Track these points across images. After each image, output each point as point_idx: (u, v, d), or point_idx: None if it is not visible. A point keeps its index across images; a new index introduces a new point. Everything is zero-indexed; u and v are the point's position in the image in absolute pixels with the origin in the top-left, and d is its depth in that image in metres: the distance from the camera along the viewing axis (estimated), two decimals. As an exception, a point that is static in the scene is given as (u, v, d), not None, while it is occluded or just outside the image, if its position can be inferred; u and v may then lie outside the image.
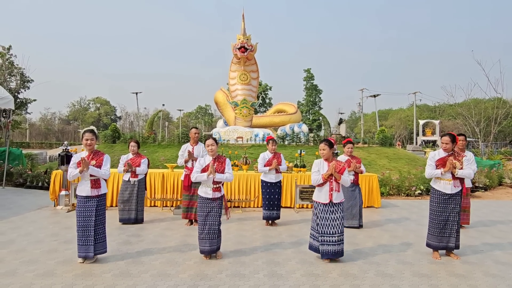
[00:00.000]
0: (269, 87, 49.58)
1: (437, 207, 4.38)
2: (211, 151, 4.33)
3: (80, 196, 4.09)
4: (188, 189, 5.81)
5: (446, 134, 4.45)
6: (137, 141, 6.18)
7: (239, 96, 17.49)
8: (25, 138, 60.22)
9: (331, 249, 4.13)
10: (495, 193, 10.51)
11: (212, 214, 4.23)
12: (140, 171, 5.96)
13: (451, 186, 4.31)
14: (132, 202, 5.92)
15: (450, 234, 4.34)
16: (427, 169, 4.47)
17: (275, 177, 6.02)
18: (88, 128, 4.35)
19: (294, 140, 15.93)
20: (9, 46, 19.95)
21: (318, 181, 4.18)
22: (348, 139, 5.98)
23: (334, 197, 4.15)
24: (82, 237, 4.02)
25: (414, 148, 25.96)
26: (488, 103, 26.23)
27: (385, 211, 7.43)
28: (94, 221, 4.05)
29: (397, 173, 10.89)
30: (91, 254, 4.01)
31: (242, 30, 16.63)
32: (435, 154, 4.49)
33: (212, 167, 4.17)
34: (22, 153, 11.88)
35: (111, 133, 15.89)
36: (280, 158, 6.06)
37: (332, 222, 4.15)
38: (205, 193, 4.27)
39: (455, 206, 4.32)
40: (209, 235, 4.20)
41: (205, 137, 16.81)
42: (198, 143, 6.03)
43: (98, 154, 4.20)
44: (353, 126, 67.53)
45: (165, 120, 59.79)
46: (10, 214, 6.54)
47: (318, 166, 4.26)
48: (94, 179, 4.11)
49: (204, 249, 4.22)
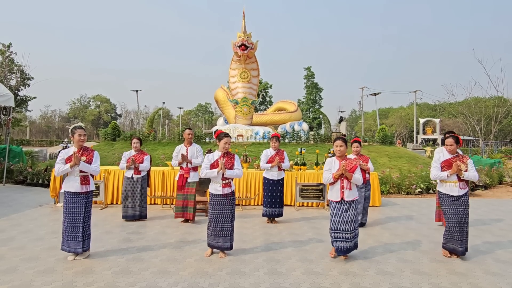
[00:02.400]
0: (269, 85, 49.51)
1: (449, 209, 4.33)
2: (226, 149, 4.34)
3: (68, 192, 4.06)
4: (182, 189, 5.84)
5: (450, 136, 4.41)
6: (139, 138, 6.20)
7: (239, 94, 17.46)
8: (26, 136, 60.26)
9: (344, 246, 4.16)
10: (495, 192, 10.51)
11: (225, 211, 4.23)
12: (143, 167, 5.98)
13: (457, 188, 4.29)
14: (136, 198, 5.95)
15: (464, 237, 4.28)
16: (433, 171, 4.46)
17: (277, 174, 5.99)
18: (77, 124, 4.34)
19: (294, 138, 15.91)
20: (9, 44, 19.92)
21: (328, 180, 4.17)
22: (356, 138, 5.93)
23: (346, 195, 4.14)
24: (71, 233, 4.03)
25: (415, 146, 25.97)
26: (488, 102, 26.17)
27: (386, 210, 7.43)
28: (83, 217, 4.05)
29: (397, 172, 10.88)
30: (80, 250, 4.03)
31: (242, 28, 16.59)
32: (440, 156, 4.45)
33: (221, 163, 4.17)
34: (22, 151, 11.88)
35: (111, 131, 15.88)
36: (283, 156, 6.03)
37: (345, 219, 4.16)
38: (215, 189, 4.27)
39: (466, 207, 4.29)
40: (222, 232, 4.22)
41: (205, 135, 16.86)
42: (192, 144, 6.00)
43: (87, 150, 4.20)
44: (354, 124, 67.48)
45: (166, 118, 59.80)
46: (10, 212, 6.55)
47: (330, 165, 4.24)
48: (83, 176, 4.09)
49: (217, 245, 4.23)
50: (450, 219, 4.33)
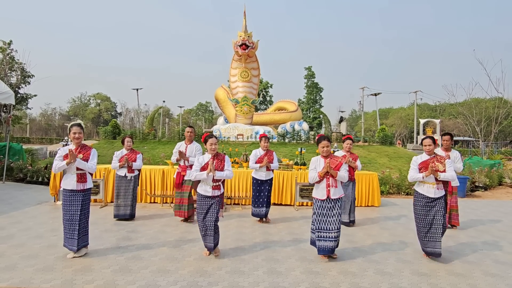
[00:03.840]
0: (270, 84, 49.51)
1: (421, 210, 4.32)
2: (213, 150, 4.31)
3: (66, 190, 4.07)
4: (179, 187, 5.87)
5: (427, 137, 4.42)
6: (131, 137, 6.26)
7: (239, 94, 17.47)
8: (26, 133, 60.27)
9: (328, 245, 4.14)
10: (495, 193, 10.51)
11: (211, 210, 4.23)
12: (136, 166, 5.99)
13: (434, 190, 4.26)
14: (128, 197, 5.94)
15: (435, 239, 4.24)
16: (410, 172, 4.42)
17: (265, 174, 5.96)
18: (75, 122, 4.33)
19: (294, 138, 15.91)
20: (9, 41, 19.92)
21: (314, 179, 4.16)
22: (348, 135, 5.97)
23: (332, 193, 4.14)
24: (69, 231, 4.04)
25: (415, 147, 25.96)
26: (489, 103, 26.17)
27: (385, 210, 7.43)
28: (79, 215, 4.05)
29: (397, 172, 10.89)
30: (75, 248, 4.02)
31: (243, 27, 16.59)
32: (417, 158, 4.44)
33: (211, 164, 4.16)
34: (22, 148, 11.86)
35: (112, 129, 15.90)
36: (272, 156, 6.00)
37: (330, 218, 4.16)
38: (205, 191, 4.25)
39: (439, 209, 4.25)
40: (207, 231, 4.21)
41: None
42: (192, 142, 6.01)
43: (85, 148, 4.19)
44: (354, 124, 67.49)
45: (166, 117, 59.80)
46: (10, 209, 6.55)
47: (315, 164, 4.25)
48: (80, 173, 4.09)
49: (206, 245, 4.25)
50: (419, 220, 4.33)
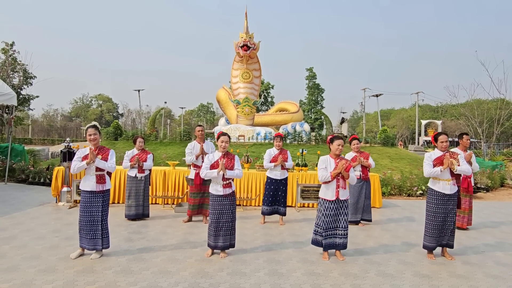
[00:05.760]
0: (271, 85, 49.55)
1: (436, 208, 4.33)
2: (223, 148, 4.34)
3: (84, 191, 4.10)
4: (199, 187, 5.80)
5: (442, 133, 4.43)
6: (143, 137, 6.32)
7: (241, 95, 17.48)
8: (28, 134, 60.48)
9: (335, 241, 4.24)
10: (497, 194, 10.47)
11: (225, 211, 4.25)
12: (147, 166, 6.04)
13: (450, 186, 4.29)
14: (139, 197, 6.00)
15: (447, 233, 4.35)
16: (426, 168, 4.42)
17: (280, 173, 5.98)
18: (91, 124, 4.38)
19: (296, 139, 15.92)
20: (12, 42, 20.01)
21: (326, 178, 4.17)
22: (354, 135, 5.96)
23: (341, 194, 4.19)
24: (89, 232, 4.07)
25: (416, 148, 25.94)
26: (491, 104, 26.10)
27: (387, 211, 7.42)
28: (100, 216, 4.10)
29: (398, 173, 10.87)
30: (100, 247, 4.09)
31: (245, 28, 16.61)
32: (431, 154, 4.47)
33: (222, 163, 4.18)
34: (24, 149, 11.90)
35: (113, 130, 15.93)
36: (286, 155, 6.02)
37: (338, 218, 4.23)
38: (216, 190, 4.28)
39: (454, 206, 4.32)
40: (222, 232, 4.24)
41: (206, 135, 16.84)
42: (205, 141, 6.02)
43: (103, 149, 4.25)
44: (355, 125, 67.43)
45: (167, 118, 59.87)
46: (12, 210, 6.57)
47: (325, 163, 4.25)
48: (99, 175, 4.13)
49: (217, 245, 4.24)
50: (437, 217, 4.33)
